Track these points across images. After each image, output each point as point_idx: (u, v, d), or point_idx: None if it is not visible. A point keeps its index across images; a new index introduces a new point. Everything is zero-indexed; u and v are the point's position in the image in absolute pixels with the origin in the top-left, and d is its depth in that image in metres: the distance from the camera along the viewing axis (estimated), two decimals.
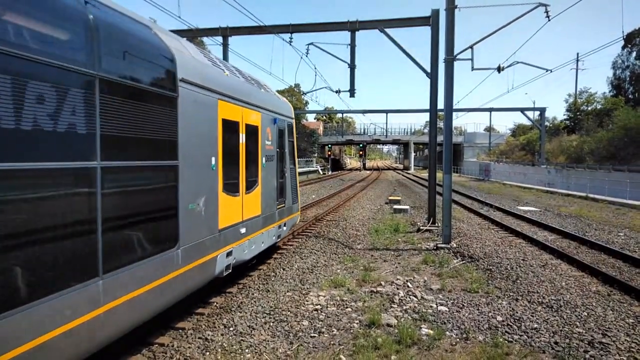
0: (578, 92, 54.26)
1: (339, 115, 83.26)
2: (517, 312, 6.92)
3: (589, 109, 51.79)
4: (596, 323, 6.53)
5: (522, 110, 52.14)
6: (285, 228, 10.80)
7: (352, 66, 16.73)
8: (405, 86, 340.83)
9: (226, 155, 7.01)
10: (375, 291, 7.91)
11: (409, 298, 7.57)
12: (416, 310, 6.98)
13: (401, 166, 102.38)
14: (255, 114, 8.42)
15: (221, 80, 7.06)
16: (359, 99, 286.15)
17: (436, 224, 14.42)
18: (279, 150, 10.02)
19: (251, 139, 8.21)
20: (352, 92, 17.17)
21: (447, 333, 6.09)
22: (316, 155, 65.94)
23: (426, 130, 55.24)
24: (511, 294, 7.89)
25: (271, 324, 6.40)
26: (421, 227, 14.35)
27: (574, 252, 11.34)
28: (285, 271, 9.25)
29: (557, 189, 31.94)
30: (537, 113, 52.23)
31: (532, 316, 6.78)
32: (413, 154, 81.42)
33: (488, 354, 5.40)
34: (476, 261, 10.27)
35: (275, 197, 9.78)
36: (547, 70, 19.46)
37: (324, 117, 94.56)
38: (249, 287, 8.21)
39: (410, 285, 8.28)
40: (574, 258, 10.30)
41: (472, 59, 13.42)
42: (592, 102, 52.54)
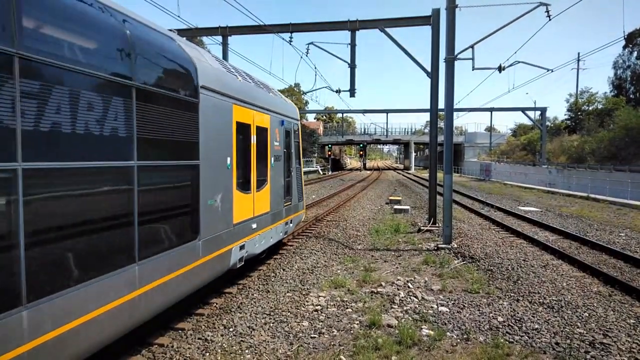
0: (579, 92, 54.30)
1: (339, 115, 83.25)
2: (518, 313, 6.90)
3: (590, 108, 51.80)
4: (597, 324, 6.51)
5: (523, 110, 52.12)
6: (291, 225, 11.23)
7: (352, 66, 16.69)
8: (405, 86, 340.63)
9: (239, 156, 7.50)
10: (375, 292, 7.89)
11: (410, 299, 7.55)
12: (417, 310, 6.96)
13: (401, 166, 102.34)
14: (264, 116, 8.86)
15: (235, 85, 7.50)
16: (359, 98, 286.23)
17: (437, 224, 14.39)
18: (285, 150, 10.42)
19: (261, 140, 8.67)
20: (352, 91, 17.13)
21: (448, 334, 6.07)
22: (316, 155, 65.87)
23: (427, 130, 55.30)
24: (512, 294, 7.86)
25: (271, 324, 6.38)
26: (422, 228, 14.33)
27: (575, 252, 11.31)
28: (285, 272, 9.24)
29: (558, 189, 31.91)
30: (538, 113, 52.27)
31: (533, 317, 6.76)
32: (413, 154, 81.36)
33: (489, 354, 5.38)
34: (477, 262, 10.25)
35: (283, 195, 10.22)
36: (548, 70, 19.37)
37: (324, 117, 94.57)
38: (249, 287, 8.19)
39: (410, 286, 8.26)
40: (575, 258, 10.28)
41: (472, 59, 13.36)
42: (593, 102, 52.54)
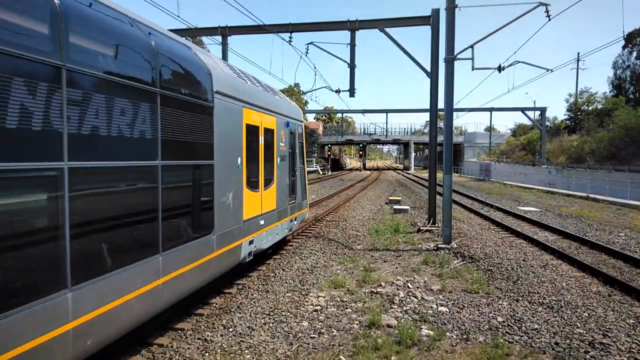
0: (579, 92, 54.25)
1: (339, 115, 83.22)
2: (517, 313, 6.90)
3: (590, 108, 51.77)
4: (597, 324, 6.51)
5: (523, 110, 52.12)
6: (295, 222, 11.61)
7: (352, 66, 16.66)
8: (405, 85, 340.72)
9: (249, 156, 7.92)
10: (375, 292, 7.89)
11: (409, 299, 7.55)
12: (416, 311, 6.96)
13: (401, 166, 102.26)
14: (271, 118, 9.27)
15: (245, 89, 7.94)
16: (359, 98, 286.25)
17: (436, 224, 14.39)
18: (290, 151, 10.83)
19: (268, 141, 9.09)
20: (352, 91, 17.10)
21: (448, 334, 6.07)
22: (316, 155, 65.82)
23: (426, 130, 55.27)
24: (512, 294, 7.86)
25: (271, 324, 6.38)
26: (421, 228, 14.32)
27: (574, 252, 11.31)
28: (285, 272, 9.23)
29: (557, 189, 31.91)
30: (538, 113, 52.26)
31: (533, 317, 6.76)
32: (413, 154, 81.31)
33: (488, 354, 5.39)
34: (477, 262, 10.25)
35: (288, 193, 10.62)
36: (548, 70, 19.35)
37: (324, 117, 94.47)
38: (249, 287, 8.19)
39: (410, 286, 8.26)
40: (574, 258, 10.28)
41: (472, 59, 13.35)
42: (593, 102, 52.50)
